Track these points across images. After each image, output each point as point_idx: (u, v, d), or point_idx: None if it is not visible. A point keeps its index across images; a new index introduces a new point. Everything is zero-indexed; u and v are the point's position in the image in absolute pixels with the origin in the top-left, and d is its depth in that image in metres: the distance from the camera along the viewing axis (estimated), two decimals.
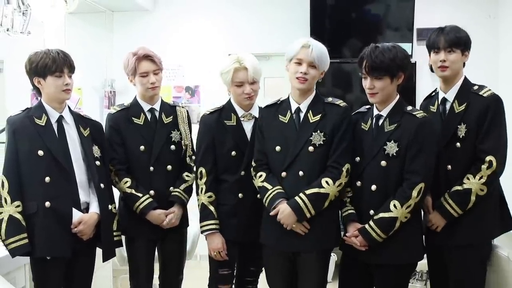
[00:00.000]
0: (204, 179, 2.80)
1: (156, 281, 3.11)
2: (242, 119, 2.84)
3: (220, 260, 2.80)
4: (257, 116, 2.83)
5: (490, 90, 2.63)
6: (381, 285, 2.63)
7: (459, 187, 2.58)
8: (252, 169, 2.75)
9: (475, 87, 2.65)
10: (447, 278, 2.68)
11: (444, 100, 2.70)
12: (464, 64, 2.71)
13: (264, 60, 5.67)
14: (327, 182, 2.57)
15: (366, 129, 2.63)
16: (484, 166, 2.54)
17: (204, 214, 2.79)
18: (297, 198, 2.57)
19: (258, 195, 2.74)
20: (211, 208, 2.78)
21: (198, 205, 2.83)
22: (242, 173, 2.79)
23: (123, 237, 3.00)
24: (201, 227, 2.81)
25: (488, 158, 2.54)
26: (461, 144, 2.60)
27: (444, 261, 2.68)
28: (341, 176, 2.58)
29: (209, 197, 2.79)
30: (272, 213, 2.62)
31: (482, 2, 5.34)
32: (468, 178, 2.57)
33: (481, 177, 2.55)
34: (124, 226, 2.93)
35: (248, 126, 2.84)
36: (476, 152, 2.58)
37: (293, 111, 2.68)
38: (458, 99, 2.65)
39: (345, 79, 5.39)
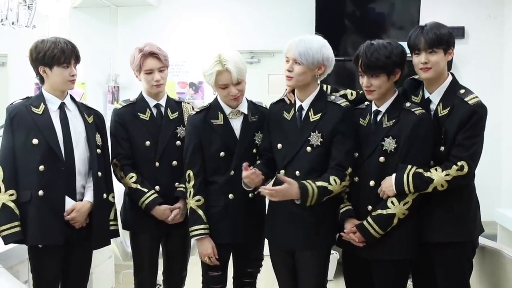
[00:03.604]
0: (192, 182, 2.74)
1: (160, 276, 3.11)
2: (230, 116, 2.77)
3: (211, 264, 2.76)
4: (245, 112, 2.78)
5: (476, 97, 2.48)
6: (380, 280, 2.62)
7: (421, 171, 2.47)
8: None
9: (462, 91, 2.52)
10: (430, 275, 2.63)
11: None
12: (450, 61, 2.59)
13: (269, 57, 5.68)
14: (335, 180, 2.54)
15: (365, 124, 2.62)
16: (455, 167, 2.44)
17: (193, 218, 2.74)
18: (307, 183, 2.51)
19: (250, 195, 2.74)
20: (200, 212, 2.72)
21: (187, 209, 2.79)
22: (232, 173, 2.72)
23: (127, 233, 3.01)
24: (190, 232, 2.76)
25: (460, 163, 2.45)
26: (444, 149, 2.51)
27: (430, 258, 2.61)
28: (345, 179, 2.57)
29: (198, 200, 2.73)
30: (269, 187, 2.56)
31: (488, 1, 5.32)
32: (436, 169, 2.47)
33: (447, 174, 2.45)
34: (128, 221, 2.94)
35: (237, 124, 2.76)
36: (449, 157, 2.49)
37: (296, 109, 2.67)
38: (443, 102, 2.53)
39: (349, 77, 5.37)
